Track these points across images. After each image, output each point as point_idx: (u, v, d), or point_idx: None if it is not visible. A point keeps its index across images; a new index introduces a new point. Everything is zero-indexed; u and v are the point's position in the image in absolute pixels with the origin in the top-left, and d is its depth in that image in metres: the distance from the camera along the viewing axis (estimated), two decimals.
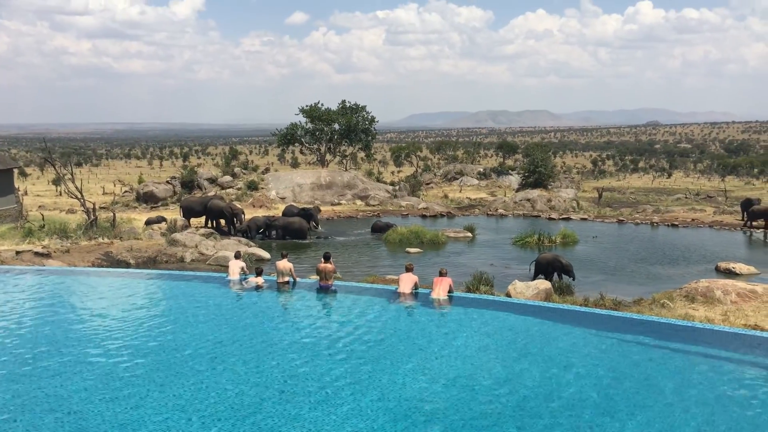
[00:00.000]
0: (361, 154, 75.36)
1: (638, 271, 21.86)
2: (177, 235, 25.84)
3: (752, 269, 21.30)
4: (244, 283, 16.74)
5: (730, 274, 20.79)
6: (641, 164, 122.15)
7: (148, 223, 31.40)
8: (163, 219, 32.18)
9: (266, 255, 24.14)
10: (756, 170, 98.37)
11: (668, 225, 33.79)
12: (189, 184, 49.09)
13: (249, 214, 33.04)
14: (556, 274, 19.46)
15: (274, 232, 29.51)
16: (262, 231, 29.88)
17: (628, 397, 9.07)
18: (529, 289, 16.31)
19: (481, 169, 70.22)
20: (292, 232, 29.35)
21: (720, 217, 36.14)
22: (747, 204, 34.27)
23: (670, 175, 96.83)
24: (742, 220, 33.54)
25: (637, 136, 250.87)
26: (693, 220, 35.22)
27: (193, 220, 32.17)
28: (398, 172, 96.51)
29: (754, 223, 31.74)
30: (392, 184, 58.79)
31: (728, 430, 8.00)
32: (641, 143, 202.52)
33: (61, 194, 56.53)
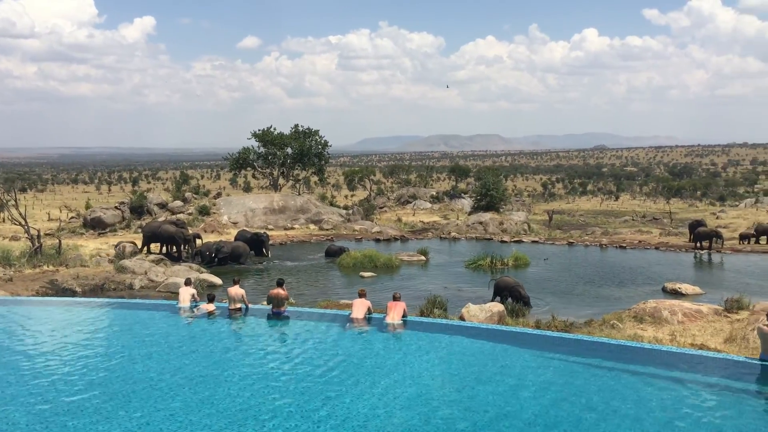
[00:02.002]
0: (315, 178, 75.14)
1: (588, 293, 22.21)
2: (126, 262, 25.24)
3: (697, 289, 21.84)
4: (195, 310, 16.39)
5: (676, 294, 21.28)
6: (590, 187, 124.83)
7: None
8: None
9: (218, 281, 23.75)
10: (699, 192, 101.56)
11: (616, 247, 34.50)
12: (138, 209, 48.10)
13: (208, 240, 32.49)
14: (510, 298, 19.60)
15: (219, 258, 28.76)
16: (210, 255, 29.24)
17: (580, 417, 9.14)
18: (482, 312, 16.40)
19: (434, 193, 70.76)
20: (236, 257, 29.11)
21: (666, 239, 37.09)
22: (695, 226, 35.30)
23: (617, 198, 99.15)
24: (690, 241, 34.48)
25: (585, 160, 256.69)
26: (640, 241, 36.04)
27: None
28: (352, 195, 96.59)
29: (701, 245, 32.56)
30: (346, 208, 58.70)
31: None
32: (589, 167, 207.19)
33: (4, 221, 54.76)
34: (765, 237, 33.76)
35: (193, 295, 17.06)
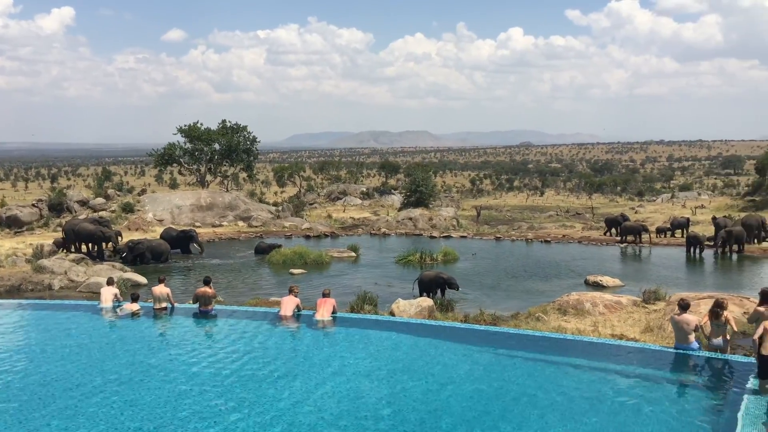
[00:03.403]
0: (243, 175, 74.04)
1: (515, 286, 22.72)
2: (44, 262, 24.25)
3: (617, 282, 22.66)
4: (118, 310, 15.93)
5: (597, 286, 22.01)
6: (516, 183, 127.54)
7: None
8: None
9: (143, 280, 23.12)
10: (619, 188, 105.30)
11: (542, 241, 35.40)
12: (58, 207, 46.27)
13: (128, 237, 31.51)
14: (439, 291, 19.87)
15: (139, 257, 27.94)
16: (123, 255, 28.35)
17: (507, 408, 9.35)
18: (412, 307, 16.55)
19: (364, 189, 70.89)
20: (157, 255, 28.33)
21: (588, 233, 38.31)
22: (612, 221, 36.59)
23: (542, 194, 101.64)
24: (608, 235, 35.75)
25: (512, 157, 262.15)
26: (564, 236, 37.10)
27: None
28: (281, 192, 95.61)
29: (627, 238, 33.66)
30: (275, 204, 58.11)
31: None
32: (516, 163, 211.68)
33: None
34: (680, 230, 35.29)
35: (115, 295, 16.58)
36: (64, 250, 29.29)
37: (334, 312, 14.98)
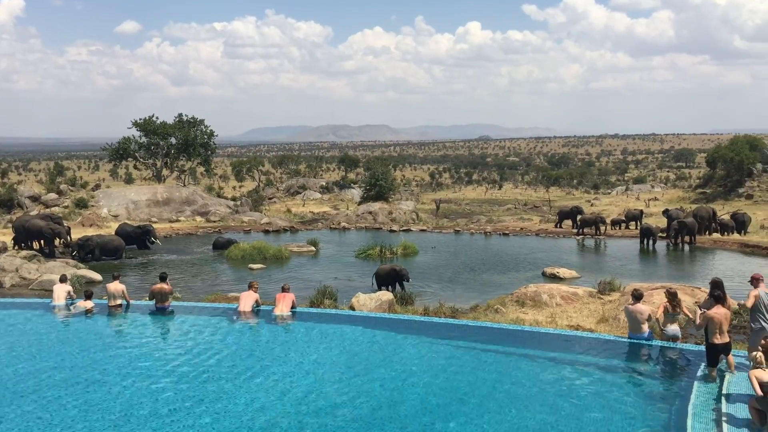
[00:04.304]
0: (201, 169, 73.11)
1: (474, 279, 22.90)
2: None
3: (574, 273, 23.03)
4: (71, 308, 15.58)
5: (554, 278, 22.33)
6: (475, 176, 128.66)
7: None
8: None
9: (98, 277, 22.63)
10: (575, 181, 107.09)
11: (500, 234, 35.76)
12: (8, 203, 45.04)
13: (79, 234, 30.80)
14: (397, 284, 19.94)
15: (89, 254, 27.23)
16: (73, 253, 27.55)
17: (466, 400, 9.43)
18: (372, 301, 16.54)
19: (324, 183, 70.72)
20: (109, 251, 27.64)
21: (545, 226, 38.85)
22: (566, 213, 37.23)
23: (501, 187, 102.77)
24: (559, 227, 36.40)
25: (471, 150, 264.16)
26: (522, 229, 37.55)
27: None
28: (240, 186, 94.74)
29: (584, 230, 34.19)
30: (234, 199, 57.53)
31: (556, 424, 8.54)
32: (474, 157, 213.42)
33: None
34: (634, 222, 36.04)
35: (68, 293, 16.22)
36: (16, 247, 28.52)
37: (293, 307, 14.91)
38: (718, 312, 9.97)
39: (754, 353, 8.85)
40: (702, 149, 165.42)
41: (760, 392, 8.26)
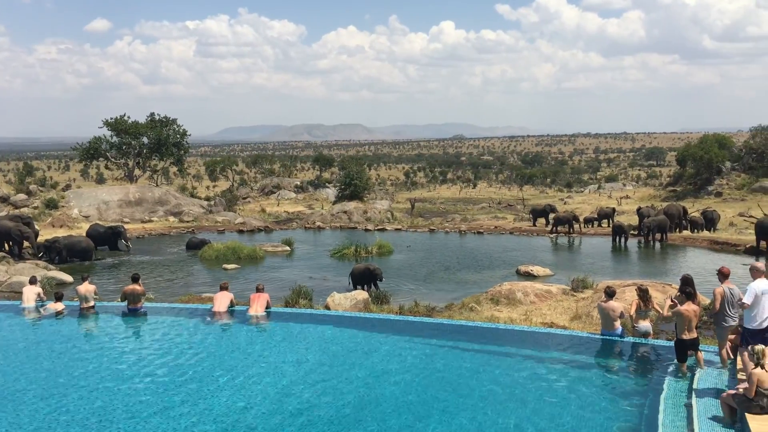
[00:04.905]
0: (174, 169, 72.39)
1: (449, 278, 22.97)
2: None
3: (547, 271, 23.21)
4: (41, 310, 15.34)
5: (528, 276, 22.49)
6: (449, 175, 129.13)
7: None
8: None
9: (68, 278, 22.30)
10: (549, 180, 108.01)
11: (474, 233, 35.91)
12: None
13: (49, 234, 30.30)
14: (372, 283, 19.96)
15: (56, 255, 26.76)
16: (41, 254, 27.06)
17: (442, 398, 9.46)
18: (347, 300, 16.52)
19: (299, 183, 70.43)
20: (78, 252, 27.15)
21: (519, 224, 39.10)
22: (539, 212, 37.53)
23: (475, 186, 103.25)
24: (535, 225, 36.64)
25: (445, 149, 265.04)
26: (496, 227, 37.75)
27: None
28: (214, 186, 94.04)
29: (558, 228, 34.46)
30: (207, 199, 57.07)
31: (531, 420, 8.61)
32: (449, 156, 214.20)
33: None
34: (607, 220, 36.43)
35: (38, 294, 15.98)
36: None
37: (268, 307, 14.85)
38: (688, 309, 10.13)
39: (760, 347, 8.18)
40: (672, 148, 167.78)
41: (753, 393, 7.89)
